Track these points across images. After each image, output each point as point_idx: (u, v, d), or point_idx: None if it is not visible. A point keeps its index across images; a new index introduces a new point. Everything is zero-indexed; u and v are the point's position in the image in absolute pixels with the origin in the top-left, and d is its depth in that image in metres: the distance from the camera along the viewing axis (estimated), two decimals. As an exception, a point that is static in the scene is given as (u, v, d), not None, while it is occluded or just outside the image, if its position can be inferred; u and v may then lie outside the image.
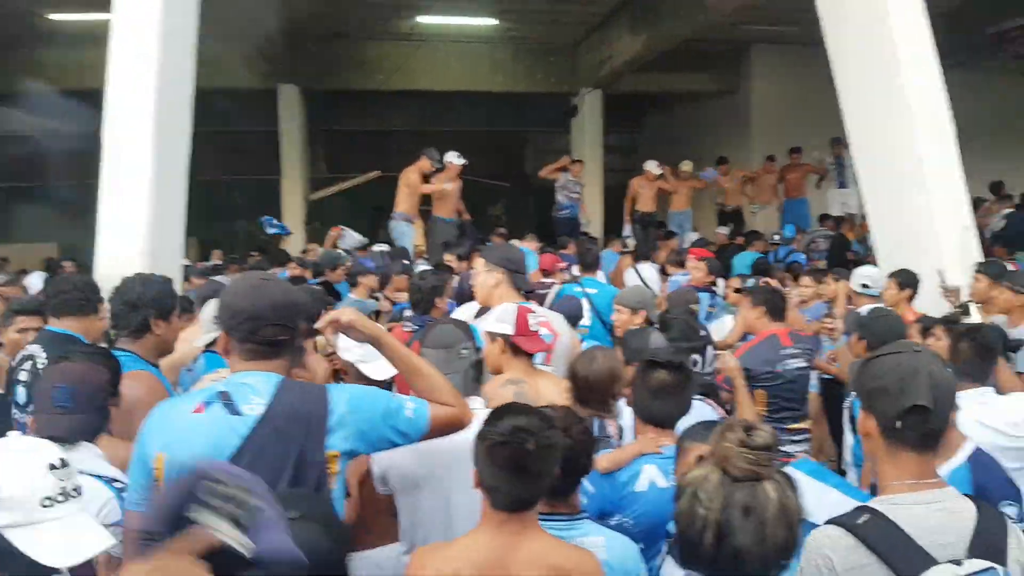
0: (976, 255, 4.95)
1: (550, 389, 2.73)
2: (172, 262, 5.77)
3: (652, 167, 10.80)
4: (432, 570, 1.75)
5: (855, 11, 5.42)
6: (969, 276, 4.54)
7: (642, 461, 2.35)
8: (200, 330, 3.48)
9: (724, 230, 10.60)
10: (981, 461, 2.34)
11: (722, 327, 5.27)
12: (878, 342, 3.05)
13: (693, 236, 9.70)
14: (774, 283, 5.65)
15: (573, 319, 4.47)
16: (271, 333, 1.82)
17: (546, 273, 6.54)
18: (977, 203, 10.52)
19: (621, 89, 13.45)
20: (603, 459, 2.34)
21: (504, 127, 17.11)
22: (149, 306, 2.80)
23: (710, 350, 4.35)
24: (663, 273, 7.26)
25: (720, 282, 6.67)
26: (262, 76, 12.28)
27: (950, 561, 1.49)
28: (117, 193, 5.44)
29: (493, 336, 2.87)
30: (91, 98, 6.89)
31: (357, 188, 14.26)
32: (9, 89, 12.08)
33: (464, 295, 4.52)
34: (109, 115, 5.49)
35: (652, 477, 2.32)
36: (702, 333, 4.41)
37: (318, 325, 2.03)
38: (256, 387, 1.80)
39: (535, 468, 1.71)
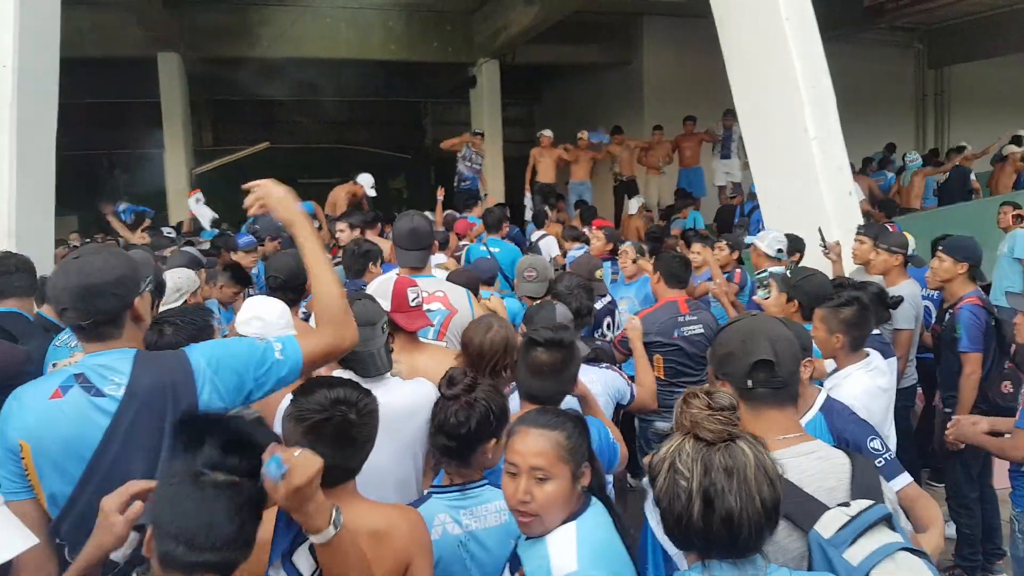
0: (857, 219, 5.22)
1: (428, 364, 2.62)
2: (41, 242, 5.38)
3: (546, 133, 10.93)
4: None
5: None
6: (852, 239, 4.79)
7: None
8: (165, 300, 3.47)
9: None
10: (833, 408, 2.44)
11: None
12: (809, 301, 3.21)
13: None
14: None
15: (489, 278, 4.71)
16: (72, 318, 1.77)
17: (460, 236, 6.81)
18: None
19: (518, 60, 13.41)
20: None
21: (401, 97, 16.78)
22: None
23: (621, 314, 4.45)
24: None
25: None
26: (140, 44, 11.48)
27: (839, 505, 1.55)
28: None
29: None
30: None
31: (246, 160, 13.67)
32: None
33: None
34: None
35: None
36: (607, 299, 4.50)
37: (246, 204, 2.02)
38: (112, 366, 1.76)
39: (361, 437, 1.73)
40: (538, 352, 2.34)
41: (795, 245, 5.00)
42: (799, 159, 5.19)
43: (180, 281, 3.76)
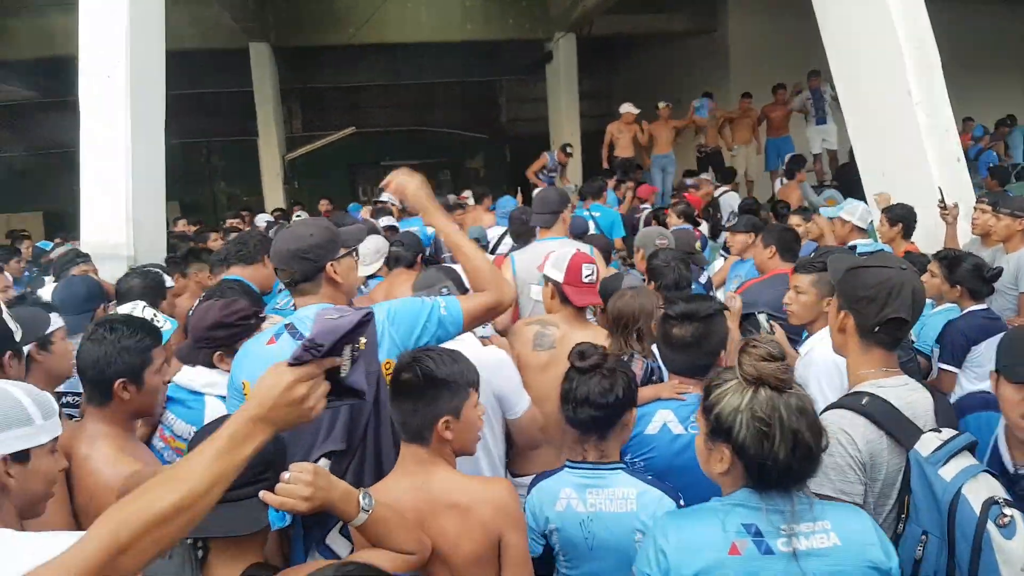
0: (968, 186, 4.98)
1: (583, 338, 2.59)
2: (154, 227, 5.72)
3: (629, 108, 10.70)
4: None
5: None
6: (962, 207, 4.58)
7: (657, 405, 2.32)
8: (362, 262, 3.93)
9: (708, 176, 10.56)
10: None
11: (712, 269, 5.38)
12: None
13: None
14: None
15: (580, 234, 5.14)
16: (283, 277, 2.13)
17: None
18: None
19: (595, 32, 13.22)
20: None
21: (478, 77, 16.87)
22: None
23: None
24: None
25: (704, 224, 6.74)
26: (233, 36, 11.94)
27: (931, 430, 1.77)
28: (97, 160, 5.36)
29: (547, 279, 2.96)
30: (64, 64, 6.71)
31: (333, 145, 14.07)
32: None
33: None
34: (83, 82, 5.37)
35: (666, 420, 2.30)
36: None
37: (383, 184, 2.35)
38: (312, 316, 1.98)
39: (418, 395, 1.79)
40: (672, 325, 2.32)
41: (900, 215, 4.79)
42: (903, 125, 4.98)
43: (377, 243, 4.44)
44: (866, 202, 5.12)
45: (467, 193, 9.07)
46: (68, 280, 3.77)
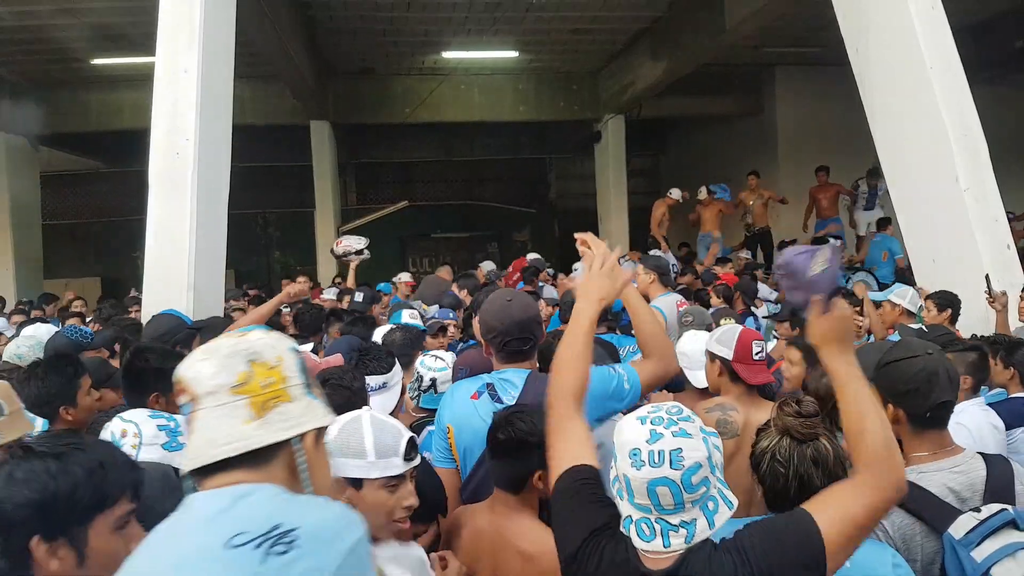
0: (1018, 273, 4.89)
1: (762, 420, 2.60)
2: (213, 295, 5.93)
3: (676, 195, 10.83)
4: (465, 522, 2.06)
5: (879, 30, 5.42)
6: (1014, 294, 4.50)
7: None
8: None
9: (745, 254, 10.57)
10: None
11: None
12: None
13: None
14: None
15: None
16: (515, 346, 2.34)
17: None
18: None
19: (644, 114, 13.54)
20: None
21: (528, 154, 17.34)
22: None
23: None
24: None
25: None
26: (295, 113, 12.59)
27: (971, 510, 1.82)
28: (162, 231, 5.60)
29: (712, 356, 2.88)
30: (136, 137, 7.15)
31: (386, 217, 14.51)
32: (58, 129, 12.55)
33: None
34: (153, 156, 5.65)
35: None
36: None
37: (579, 235, 2.35)
38: (512, 381, 2.30)
39: (513, 453, 1.92)
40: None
41: (947, 301, 4.72)
42: (952, 212, 4.94)
43: None
44: (915, 287, 5.07)
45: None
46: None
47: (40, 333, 4.89)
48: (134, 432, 2.00)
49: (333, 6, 9.75)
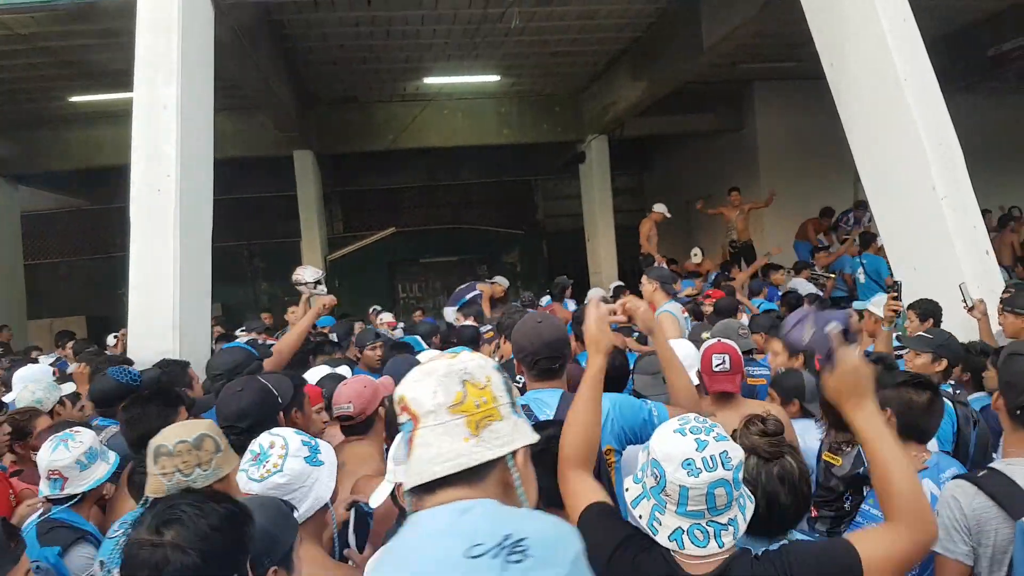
0: (997, 279, 4.92)
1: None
2: (198, 331, 5.88)
3: (662, 210, 10.91)
4: None
5: (853, 43, 5.49)
6: (993, 300, 4.51)
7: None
8: None
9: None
10: None
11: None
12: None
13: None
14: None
15: None
16: (545, 365, 2.44)
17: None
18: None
19: (627, 134, 13.64)
20: None
21: (513, 177, 17.41)
22: None
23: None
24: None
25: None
26: (277, 144, 12.59)
27: None
28: (145, 269, 5.55)
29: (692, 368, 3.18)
30: (117, 174, 7.11)
31: (374, 244, 14.50)
32: (38, 168, 12.50)
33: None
34: (134, 193, 5.60)
35: (929, 490, 2.39)
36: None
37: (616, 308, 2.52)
38: (545, 400, 2.39)
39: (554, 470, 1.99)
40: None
41: (928, 310, 4.74)
42: (930, 221, 4.99)
43: None
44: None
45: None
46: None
47: (34, 375, 4.95)
48: (281, 444, 2.14)
49: (313, 37, 9.79)
